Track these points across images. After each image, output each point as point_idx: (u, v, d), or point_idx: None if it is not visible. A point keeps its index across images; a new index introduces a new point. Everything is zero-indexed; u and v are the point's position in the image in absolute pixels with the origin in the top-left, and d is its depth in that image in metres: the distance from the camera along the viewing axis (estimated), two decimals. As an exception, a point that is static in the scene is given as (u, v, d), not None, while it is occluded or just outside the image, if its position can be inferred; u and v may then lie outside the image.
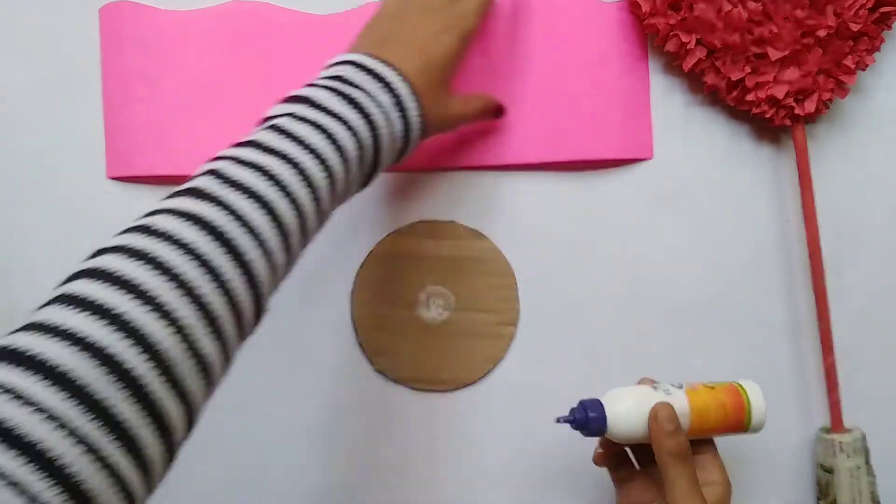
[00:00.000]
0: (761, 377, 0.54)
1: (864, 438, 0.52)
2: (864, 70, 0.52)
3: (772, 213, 0.54)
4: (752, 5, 0.50)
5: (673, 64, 0.54)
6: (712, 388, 0.45)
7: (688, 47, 0.51)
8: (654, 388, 0.44)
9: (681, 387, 0.44)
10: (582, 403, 0.44)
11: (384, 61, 0.42)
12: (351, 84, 0.40)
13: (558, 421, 0.44)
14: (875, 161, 0.55)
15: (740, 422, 0.44)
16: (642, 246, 0.54)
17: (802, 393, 0.54)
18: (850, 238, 0.54)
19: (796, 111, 0.52)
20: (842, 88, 0.52)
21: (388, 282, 0.53)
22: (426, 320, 0.52)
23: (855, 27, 0.50)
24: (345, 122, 0.39)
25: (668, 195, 0.54)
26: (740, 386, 0.45)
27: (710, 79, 0.52)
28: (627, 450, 0.47)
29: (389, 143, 0.42)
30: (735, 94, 0.52)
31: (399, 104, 0.41)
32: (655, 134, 0.54)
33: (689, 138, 0.54)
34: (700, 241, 0.54)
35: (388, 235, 0.53)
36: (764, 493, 0.54)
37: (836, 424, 0.52)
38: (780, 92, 0.51)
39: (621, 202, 0.54)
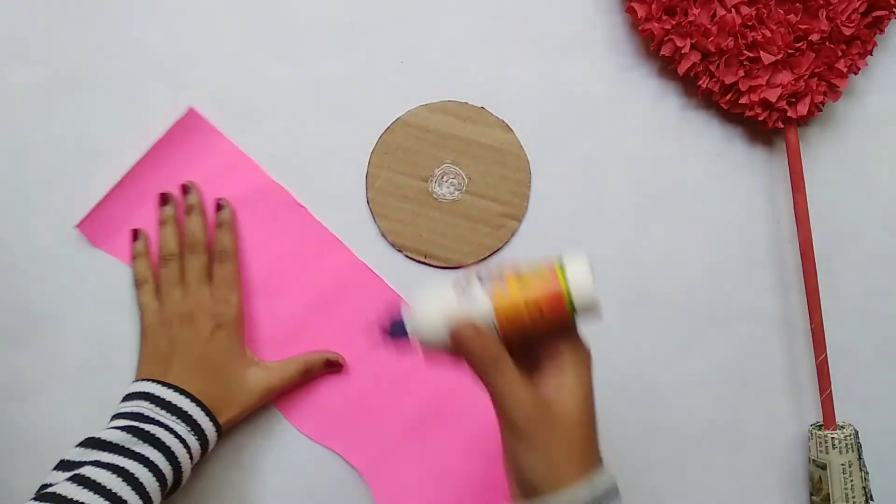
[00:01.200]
0: (755, 374, 0.55)
1: (856, 435, 0.52)
2: (856, 74, 0.53)
3: (765, 213, 0.55)
4: (745, 10, 0.51)
5: (667, 68, 0.54)
6: (524, 280, 0.37)
7: (682, 51, 0.52)
8: (455, 291, 0.38)
9: (482, 279, 0.38)
10: (389, 315, 0.39)
11: (173, 387, 0.48)
12: (148, 420, 0.46)
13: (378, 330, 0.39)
14: (867, 163, 0.56)
15: (563, 316, 0.37)
16: (637, 246, 0.55)
17: (795, 390, 0.55)
18: (841, 238, 0.55)
19: (789, 114, 0.52)
20: (834, 92, 0.53)
21: (409, 151, 0.54)
22: (436, 196, 0.54)
23: (847, 31, 0.51)
24: (144, 461, 0.44)
25: (662, 196, 0.55)
26: (560, 269, 0.37)
27: (704, 82, 0.53)
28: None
29: (188, 460, 0.47)
30: (729, 97, 0.53)
31: (194, 428, 0.48)
32: (652, 136, 0.55)
33: (683, 141, 0.55)
34: (694, 241, 0.55)
35: (418, 106, 0.54)
36: (757, 489, 0.55)
37: (829, 421, 0.53)
38: (772, 95, 0.52)
39: (617, 202, 0.55)
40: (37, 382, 0.54)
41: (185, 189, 0.53)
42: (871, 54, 0.53)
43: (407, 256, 0.55)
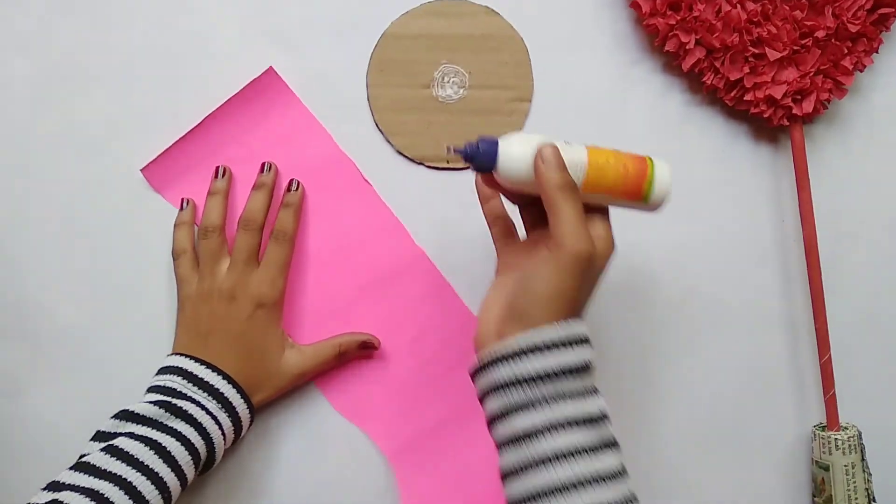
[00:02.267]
0: (758, 375, 0.55)
1: (859, 436, 0.52)
2: (861, 71, 0.53)
3: (770, 212, 0.55)
4: (751, 6, 0.51)
5: (672, 64, 0.54)
6: (618, 152, 0.42)
7: (687, 47, 0.52)
8: (563, 141, 0.42)
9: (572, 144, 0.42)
10: (480, 138, 0.41)
11: (208, 365, 0.48)
12: (181, 396, 0.46)
13: (450, 151, 0.42)
14: (872, 161, 0.55)
15: (639, 188, 0.41)
16: (640, 244, 0.55)
17: (799, 390, 0.55)
18: (846, 237, 0.55)
19: (794, 111, 0.52)
20: (840, 89, 0.53)
21: (403, 62, 0.54)
22: (441, 99, 0.53)
23: (853, 28, 0.51)
24: (177, 435, 0.45)
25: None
26: (650, 159, 0.42)
27: (708, 79, 0.52)
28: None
29: (220, 438, 0.47)
30: (733, 93, 0.52)
31: (226, 406, 0.47)
32: (656, 132, 0.55)
33: (687, 138, 0.55)
34: (698, 239, 0.55)
35: (399, 17, 0.54)
36: (760, 490, 0.55)
37: (832, 422, 0.52)
38: (778, 92, 0.51)
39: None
40: (30, 377, 0.54)
41: (263, 166, 0.53)
42: (877, 52, 0.53)
43: (429, 167, 0.54)
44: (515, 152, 0.40)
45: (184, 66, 0.54)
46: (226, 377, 0.48)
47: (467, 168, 0.53)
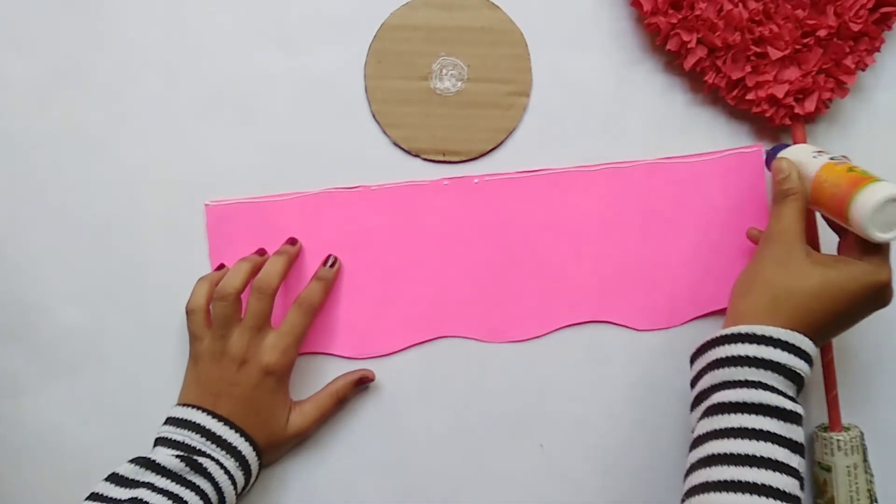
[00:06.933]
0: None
1: (861, 437, 0.52)
2: (864, 70, 0.52)
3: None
4: (752, 5, 0.51)
5: (674, 63, 0.54)
6: (849, 170, 0.44)
7: (689, 46, 0.51)
8: (814, 153, 0.47)
9: (832, 159, 0.46)
10: (777, 146, 0.51)
11: (225, 421, 0.48)
12: (199, 453, 0.47)
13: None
14: (874, 161, 0.54)
15: (842, 209, 0.43)
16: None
17: (801, 391, 0.54)
18: (849, 237, 0.55)
19: (796, 110, 0.52)
20: (842, 88, 0.52)
21: (401, 54, 0.54)
22: (439, 91, 0.53)
23: (855, 27, 0.51)
24: (198, 491, 0.46)
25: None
26: (871, 181, 0.42)
27: (710, 78, 0.52)
28: None
29: (233, 495, 0.48)
30: (735, 93, 0.52)
31: (242, 464, 0.48)
32: (657, 132, 0.55)
33: (689, 137, 0.54)
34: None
35: (399, 7, 0.54)
36: (762, 491, 0.55)
37: (835, 423, 0.52)
38: (780, 91, 0.51)
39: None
40: (30, 377, 0.54)
41: (288, 240, 0.53)
42: (879, 51, 0.52)
43: (425, 159, 0.54)
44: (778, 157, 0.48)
45: (183, 65, 0.54)
46: (242, 434, 0.48)
47: (463, 162, 0.54)
